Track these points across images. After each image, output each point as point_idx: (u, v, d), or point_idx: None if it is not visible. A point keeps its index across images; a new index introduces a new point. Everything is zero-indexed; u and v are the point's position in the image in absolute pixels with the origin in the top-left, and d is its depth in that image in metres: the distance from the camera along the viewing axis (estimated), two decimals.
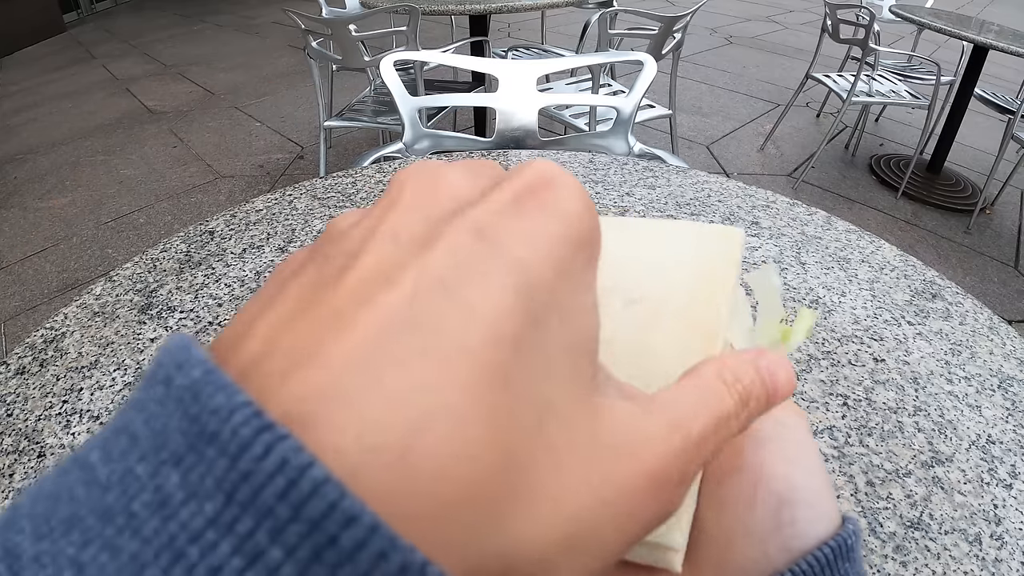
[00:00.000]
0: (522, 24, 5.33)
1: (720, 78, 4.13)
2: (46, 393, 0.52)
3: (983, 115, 3.36)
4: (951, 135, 2.76)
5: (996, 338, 0.59)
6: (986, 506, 0.44)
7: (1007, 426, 0.50)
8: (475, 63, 1.23)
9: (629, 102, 1.20)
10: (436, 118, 2.09)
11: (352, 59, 2.06)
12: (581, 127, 2.00)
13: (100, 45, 5.24)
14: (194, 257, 0.69)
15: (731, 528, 0.21)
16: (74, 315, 0.61)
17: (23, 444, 0.47)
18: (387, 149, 1.25)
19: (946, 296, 0.65)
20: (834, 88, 2.68)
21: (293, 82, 4.01)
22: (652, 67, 1.16)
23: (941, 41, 4.89)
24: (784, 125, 3.19)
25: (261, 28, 5.57)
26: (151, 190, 2.70)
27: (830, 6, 2.65)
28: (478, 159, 0.16)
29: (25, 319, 1.99)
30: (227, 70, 4.35)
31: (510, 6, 2.16)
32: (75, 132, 3.24)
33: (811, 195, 2.69)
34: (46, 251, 2.32)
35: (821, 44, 2.87)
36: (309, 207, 0.79)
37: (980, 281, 2.22)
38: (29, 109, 3.76)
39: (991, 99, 2.72)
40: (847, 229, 0.76)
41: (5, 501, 0.43)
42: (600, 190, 0.82)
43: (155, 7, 6.76)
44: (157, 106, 3.69)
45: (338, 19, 2.04)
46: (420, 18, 2.00)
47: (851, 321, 0.60)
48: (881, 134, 3.33)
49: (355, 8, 2.46)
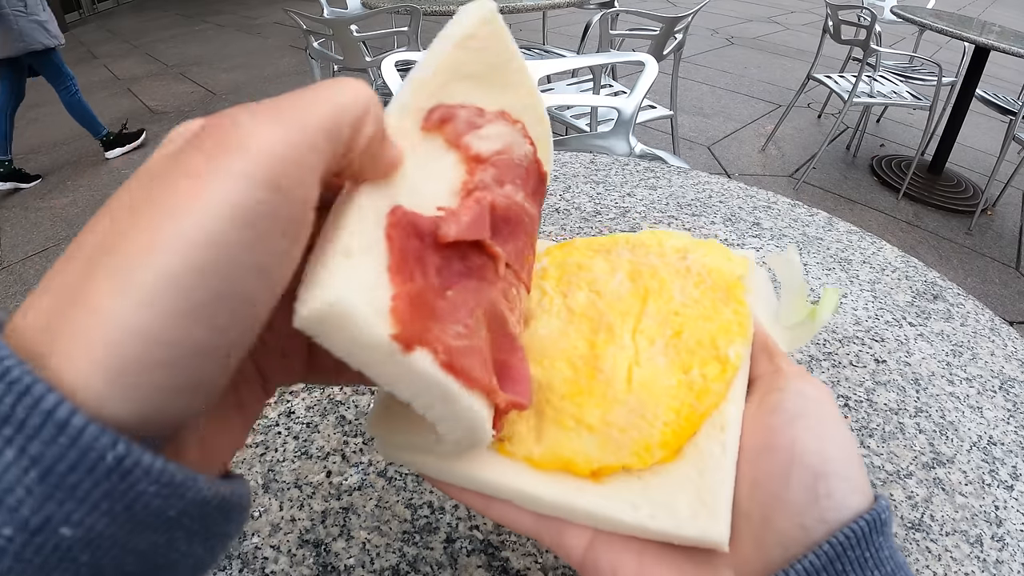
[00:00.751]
0: (523, 25, 5.33)
1: (721, 79, 4.13)
2: None
3: (984, 116, 3.36)
4: (952, 136, 2.76)
5: (997, 339, 0.59)
6: (987, 507, 0.43)
7: (1008, 427, 0.50)
8: None
9: (630, 103, 1.20)
10: None
11: (353, 59, 2.07)
12: (582, 128, 2.00)
13: (102, 45, 5.24)
14: None
15: (768, 505, 0.21)
16: None
17: None
18: None
19: (947, 297, 0.65)
20: (835, 89, 2.68)
21: (294, 82, 4.01)
22: (653, 68, 1.16)
23: (943, 42, 4.88)
24: (785, 126, 3.19)
25: (263, 28, 5.58)
26: None
27: (831, 7, 2.65)
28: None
29: None
30: (228, 70, 4.35)
31: (511, 7, 2.16)
32: (77, 132, 3.24)
33: (812, 196, 2.69)
34: (47, 251, 2.32)
35: (822, 45, 2.87)
36: None
37: (981, 282, 2.21)
38: (30, 109, 3.76)
39: (992, 100, 2.72)
40: (848, 230, 0.76)
41: None
42: (601, 191, 0.82)
43: (157, 7, 6.77)
44: (159, 106, 3.69)
45: (340, 19, 2.04)
46: (422, 18, 2.00)
47: (852, 322, 0.60)
48: (882, 135, 3.32)
49: (357, 8, 2.46)
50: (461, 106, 0.21)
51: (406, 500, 0.42)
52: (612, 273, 0.28)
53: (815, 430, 0.22)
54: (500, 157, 0.22)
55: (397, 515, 0.41)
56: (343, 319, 0.15)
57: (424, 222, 0.19)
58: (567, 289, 0.28)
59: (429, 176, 0.20)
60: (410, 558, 0.39)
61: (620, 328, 0.25)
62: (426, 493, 0.42)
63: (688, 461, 0.23)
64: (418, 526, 0.41)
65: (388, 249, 0.17)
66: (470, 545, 0.40)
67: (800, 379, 0.24)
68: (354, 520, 0.41)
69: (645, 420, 0.23)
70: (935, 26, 2.49)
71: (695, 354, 0.25)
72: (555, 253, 0.29)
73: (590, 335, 0.26)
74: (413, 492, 0.43)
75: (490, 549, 0.40)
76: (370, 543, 0.39)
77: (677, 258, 0.28)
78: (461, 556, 0.39)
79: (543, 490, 0.23)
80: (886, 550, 0.20)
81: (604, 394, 0.24)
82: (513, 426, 0.24)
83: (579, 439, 0.23)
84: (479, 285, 0.20)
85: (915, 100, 2.61)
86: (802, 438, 0.22)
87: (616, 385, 0.24)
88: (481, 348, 0.20)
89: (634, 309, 0.26)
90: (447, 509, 0.42)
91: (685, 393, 0.24)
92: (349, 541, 0.39)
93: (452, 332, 0.18)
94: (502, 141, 0.22)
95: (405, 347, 0.17)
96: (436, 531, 0.40)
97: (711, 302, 0.26)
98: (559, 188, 0.83)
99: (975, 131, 3.29)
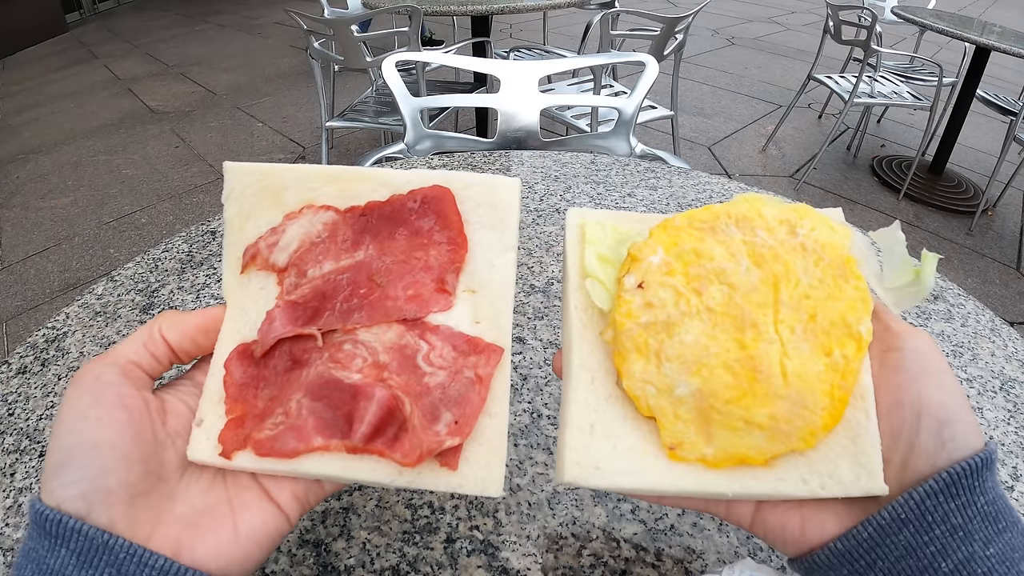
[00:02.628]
0: (524, 25, 5.33)
1: (722, 79, 4.13)
2: (47, 392, 0.52)
3: (985, 116, 3.36)
4: (953, 136, 2.76)
5: (998, 340, 0.59)
6: None
7: (1009, 428, 0.50)
8: (477, 64, 1.23)
9: (631, 103, 1.20)
10: (438, 119, 2.09)
11: (354, 60, 2.07)
12: (583, 128, 2.00)
13: (102, 45, 5.25)
14: (196, 257, 0.69)
15: (905, 452, 0.25)
16: (76, 315, 0.61)
17: (24, 443, 0.47)
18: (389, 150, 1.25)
19: (948, 298, 0.65)
20: (836, 89, 2.68)
21: (295, 82, 4.02)
22: (654, 68, 1.16)
23: (943, 42, 4.88)
24: (786, 126, 3.19)
25: (263, 28, 5.58)
26: (153, 190, 2.71)
27: (832, 7, 2.65)
28: None
29: (27, 319, 1.99)
30: (229, 70, 4.35)
31: (512, 7, 2.16)
32: (77, 132, 3.25)
33: (813, 196, 2.68)
34: (48, 251, 2.32)
35: (823, 45, 2.87)
36: None
37: (982, 283, 2.21)
38: (31, 109, 3.77)
39: (993, 100, 2.72)
40: None
41: (6, 500, 0.43)
42: (602, 191, 0.82)
43: (157, 7, 6.77)
44: (159, 106, 3.69)
45: (340, 20, 2.04)
46: (422, 19, 2.00)
47: None
48: (883, 135, 3.32)
49: (357, 9, 2.46)
50: (260, 237, 0.27)
51: (406, 500, 0.42)
52: (735, 260, 0.28)
53: (935, 383, 0.26)
54: (299, 252, 0.26)
55: (397, 515, 0.41)
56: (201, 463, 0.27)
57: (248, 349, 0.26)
58: (699, 285, 0.27)
59: (252, 309, 0.26)
60: (410, 558, 0.39)
61: (763, 322, 0.26)
62: (426, 493, 0.43)
63: (841, 432, 0.26)
64: (418, 526, 0.41)
65: (224, 389, 0.26)
66: (470, 545, 0.40)
67: (913, 336, 0.27)
68: (354, 520, 0.41)
69: (807, 409, 0.25)
70: (936, 26, 2.49)
71: (831, 335, 0.26)
72: (664, 238, 0.29)
73: (736, 334, 0.26)
74: (413, 492, 0.43)
75: (490, 549, 0.40)
76: (370, 543, 0.39)
77: (787, 233, 0.28)
78: (461, 556, 0.39)
79: (725, 485, 0.26)
80: (989, 481, 0.24)
81: (766, 392, 0.26)
82: (679, 436, 0.26)
83: (750, 437, 0.26)
84: (302, 372, 0.26)
85: (916, 100, 2.61)
86: (926, 392, 0.26)
87: (774, 381, 0.26)
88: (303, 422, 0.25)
89: (769, 299, 0.27)
90: (447, 509, 0.42)
91: (832, 375, 0.26)
92: (349, 541, 0.39)
93: (269, 425, 0.25)
94: (298, 239, 0.27)
95: (227, 457, 0.26)
96: (436, 531, 0.40)
97: (833, 280, 0.27)
98: (559, 188, 0.83)
99: (976, 131, 3.29)
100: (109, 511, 0.24)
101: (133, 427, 0.26)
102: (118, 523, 0.24)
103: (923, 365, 0.27)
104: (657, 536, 0.41)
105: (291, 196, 0.28)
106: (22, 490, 0.44)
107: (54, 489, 0.24)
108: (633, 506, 0.42)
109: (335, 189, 0.28)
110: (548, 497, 0.43)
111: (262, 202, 0.28)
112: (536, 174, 0.87)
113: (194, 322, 0.28)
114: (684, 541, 0.40)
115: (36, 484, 0.44)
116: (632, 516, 0.42)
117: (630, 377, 0.26)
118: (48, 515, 0.23)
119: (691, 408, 0.26)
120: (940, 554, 0.23)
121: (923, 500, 0.24)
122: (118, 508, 0.24)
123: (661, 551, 0.40)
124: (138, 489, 0.25)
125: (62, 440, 0.25)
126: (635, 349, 0.26)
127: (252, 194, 0.28)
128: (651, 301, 0.27)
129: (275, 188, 0.28)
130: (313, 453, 0.25)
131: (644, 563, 0.39)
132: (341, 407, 0.25)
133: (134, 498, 0.25)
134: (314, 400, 0.25)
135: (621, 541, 0.40)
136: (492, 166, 0.90)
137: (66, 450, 0.24)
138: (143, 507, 0.25)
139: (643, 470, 0.26)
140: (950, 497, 0.24)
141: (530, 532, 0.41)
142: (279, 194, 0.28)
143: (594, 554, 0.40)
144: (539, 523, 0.41)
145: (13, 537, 0.40)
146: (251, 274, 0.27)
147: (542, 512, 0.42)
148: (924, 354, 0.27)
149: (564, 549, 0.40)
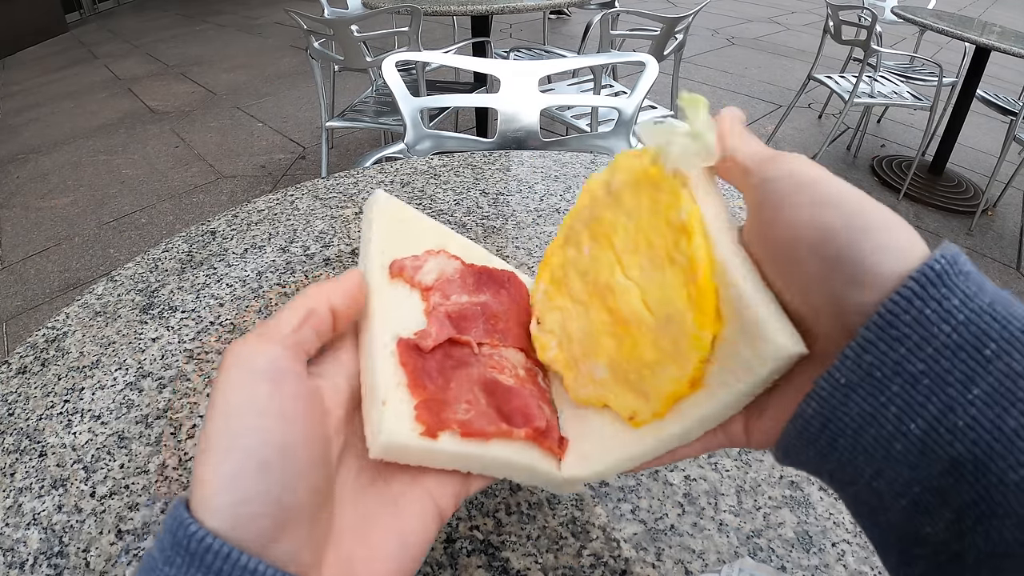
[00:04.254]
0: (524, 25, 5.33)
1: (722, 79, 4.13)
2: (47, 392, 0.52)
3: (985, 116, 3.36)
4: (953, 136, 2.76)
5: None
6: None
7: None
8: (477, 64, 1.23)
9: (631, 103, 1.20)
10: (438, 119, 2.09)
11: (354, 59, 2.07)
12: (583, 128, 2.00)
13: (102, 45, 5.25)
14: (196, 257, 0.69)
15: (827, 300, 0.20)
16: (76, 315, 0.61)
17: (24, 443, 0.47)
18: (389, 149, 1.25)
19: None
20: (836, 89, 2.68)
21: (295, 82, 4.02)
22: (654, 68, 1.16)
23: (943, 42, 4.88)
24: (786, 126, 3.19)
25: (263, 28, 5.58)
26: (153, 190, 2.71)
27: (832, 7, 2.65)
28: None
29: (27, 318, 1.99)
30: (229, 70, 4.35)
31: (512, 7, 2.16)
32: (77, 132, 3.25)
33: None
34: (48, 251, 2.32)
35: (823, 45, 2.87)
36: (311, 207, 0.79)
37: None
38: (31, 109, 3.77)
39: (993, 100, 2.72)
40: None
41: (6, 500, 0.43)
42: None
43: (157, 7, 6.77)
44: (159, 106, 3.69)
45: (340, 19, 2.04)
46: (422, 19, 2.00)
47: None
48: (883, 135, 3.32)
49: (357, 8, 2.46)
50: (405, 258, 0.31)
51: None
52: (579, 249, 0.31)
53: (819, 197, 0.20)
54: (440, 280, 0.31)
55: None
56: (395, 447, 0.24)
57: (414, 342, 0.28)
58: (567, 289, 0.31)
59: (403, 309, 0.29)
60: None
61: (614, 280, 0.28)
62: None
63: (731, 319, 0.24)
64: None
65: (405, 373, 0.26)
66: (470, 545, 0.40)
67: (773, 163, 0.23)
68: None
69: (674, 322, 0.25)
70: (936, 26, 2.49)
71: (666, 241, 0.26)
72: (544, 272, 0.33)
73: (602, 304, 0.29)
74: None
75: (490, 549, 0.40)
76: None
77: (606, 194, 0.30)
78: (461, 556, 0.39)
79: (677, 426, 0.26)
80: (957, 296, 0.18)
81: (644, 333, 0.26)
82: (630, 408, 0.27)
83: (663, 373, 0.26)
84: (467, 370, 0.29)
85: (916, 100, 2.61)
86: (807, 215, 0.20)
87: (645, 320, 0.26)
88: (486, 411, 0.27)
89: (611, 259, 0.29)
90: None
91: (683, 276, 0.25)
92: None
93: (461, 410, 0.27)
94: (437, 270, 0.31)
95: (432, 436, 0.25)
96: None
97: (649, 200, 0.27)
98: (559, 188, 0.83)
99: (976, 131, 3.29)
100: (296, 534, 0.19)
101: (314, 425, 0.21)
102: (303, 552, 0.20)
103: (795, 187, 0.21)
104: (657, 536, 0.41)
105: (428, 239, 0.33)
106: (22, 490, 0.44)
107: (223, 508, 0.18)
108: (633, 506, 0.42)
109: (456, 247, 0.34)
110: (548, 497, 0.43)
111: (408, 234, 0.32)
112: (536, 174, 0.87)
113: (347, 290, 0.26)
114: (684, 541, 0.40)
115: (36, 484, 0.44)
116: (632, 516, 0.42)
117: (573, 390, 0.30)
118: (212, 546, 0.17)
119: (616, 382, 0.28)
120: (905, 414, 0.18)
121: (860, 355, 0.19)
122: (303, 530, 0.20)
123: (661, 551, 0.40)
124: (318, 500, 0.21)
125: (238, 440, 0.19)
126: (565, 368, 0.30)
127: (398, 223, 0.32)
128: (550, 330, 0.31)
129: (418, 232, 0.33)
130: (501, 438, 0.27)
131: (644, 563, 0.39)
132: (511, 402, 0.28)
133: (315, 514, 0.21)
134: (487, 395, 0.28)
135: (621, 541, 0.40)
136: (492, 166, 0.90)
137: (245, 454, 0.19)
138: (319, 523, 0.21)
139: (620, 446, 0.27)
140: (896, 341, 0.18)
141: (530, 532, 0.41)
142: (420, 235, 0.33)
143: (594, 554, 0.40)
144: (539, 523, 0.41)
145: (13, 537, 0.40)
146: (397, 282, 0.30)
147: (542, 512, 0.42)
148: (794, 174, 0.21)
149: (564, 549, 0.40)
